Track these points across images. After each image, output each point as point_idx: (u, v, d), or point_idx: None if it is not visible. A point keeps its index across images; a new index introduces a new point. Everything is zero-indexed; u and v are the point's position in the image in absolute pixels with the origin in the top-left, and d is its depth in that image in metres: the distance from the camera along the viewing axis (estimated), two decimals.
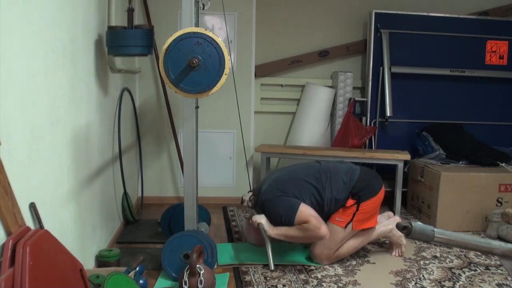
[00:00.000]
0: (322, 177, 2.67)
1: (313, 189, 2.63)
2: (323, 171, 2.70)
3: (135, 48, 2.58)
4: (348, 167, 2.76)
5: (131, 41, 2.53)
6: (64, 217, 2.00)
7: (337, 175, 2.68)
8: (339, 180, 2.66)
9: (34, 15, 1.67)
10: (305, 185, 2.64)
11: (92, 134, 2.45)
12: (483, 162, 3.62)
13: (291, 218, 2.53)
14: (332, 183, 2.65)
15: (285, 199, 2.59)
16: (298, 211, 2.53)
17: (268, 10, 4.17)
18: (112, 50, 2.59)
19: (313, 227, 2.50)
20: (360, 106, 4.11)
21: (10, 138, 1.46)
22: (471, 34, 4.09)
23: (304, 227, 2.51)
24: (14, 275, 1.35)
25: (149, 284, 2.32)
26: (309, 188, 2.64)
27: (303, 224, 2.51)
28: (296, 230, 2.53)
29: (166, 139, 3.93)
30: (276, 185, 2.66)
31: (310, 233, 2.51)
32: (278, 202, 2.59)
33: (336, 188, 2.64)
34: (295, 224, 2.53)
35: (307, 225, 2.50)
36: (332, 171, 2.71)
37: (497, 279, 2.53)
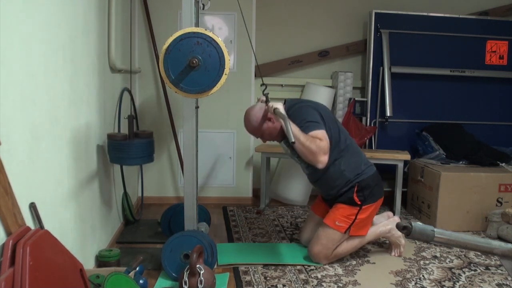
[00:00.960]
0: (349, 146, 2.65)
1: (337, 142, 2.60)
2: (353, 144, 2.70)
3: (137, 160, 2.66)
4: (368, 161, 2.77)
5: (133, 153, 2.59)
6: (64, 217, 2.00)
7: (359, 157, 2.69)
8: (357, 161, 2.65)
9: (34, 15, 1.67)
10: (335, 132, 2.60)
11: (92, 134, 2.45)
12: (483, 162, 3.62)
13: (311, 127, 2.48)
14: (350, 156, 2.64)
15: (316, 115, 2.55)
16: (320, 130, 2.49)
17: (268, 10, 4.17)
18: (114, 160, 2.65)
19: (322, 146, 2.45)
20: (360, 106, 4.11)
21: (10, 138, 1.46)
22: (471, 34, 4.09)
23: (315, 140, 2.45)
24: (14, 275, 1.35)
25: (149, 284, 2.32)
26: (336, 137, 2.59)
27: (316, 139, 2.45)
28: (306, 137, 2.46)
29: (166, 139, 3.93)
30: (318, 106, 2.65)
31: (315, 148, 2.44)
32: (310, 111, 2.56)
33: (349, 164, 2.62)
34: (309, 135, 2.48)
35: (319, 142, 2.45)
36: (358, 152, 2.71)
37: (497, 279, 2.53)
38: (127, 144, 2.60)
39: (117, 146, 2.59)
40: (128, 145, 2.59)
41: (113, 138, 2.62)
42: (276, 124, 2.61)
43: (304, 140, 2.44)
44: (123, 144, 2.59)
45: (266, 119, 2.61)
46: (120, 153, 2.59)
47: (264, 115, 2.61)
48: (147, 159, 2.70)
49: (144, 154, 2.66)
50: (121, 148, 2.58)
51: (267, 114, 2.60)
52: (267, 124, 2.62)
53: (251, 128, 2.67)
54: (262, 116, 2.61)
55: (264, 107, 2.62)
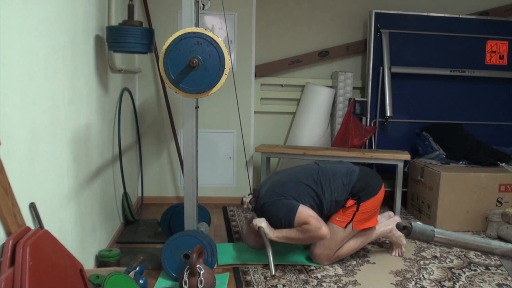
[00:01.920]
0: (322, 179, 2.67)
1: (312, 191, 2.63)
2: (322, 173, 2.70)
3: (136, 45, 2.58)
4: (347, 167, 2.76)
5: (132, 38, 2.53)
6: (64, 217, 2.00)
7: (336, 177, 2.68)
8: (338, 181, 2.66)
9: (34, 15, 1.67)
10: (304, 187, 2.64)
11: (92, 134, 2.45)
12: (483, 162, 3.62)
13: (290, 220, 2.53)
14: (331, 185, 2.65)
15: (284, 202, 2.59)
16: (298, 213, 2.53)
17: (268, 10, 4.17)
18: (112, 46, 2.59)
19: (313, 228, 2.50)
20: (360, 106, 4.11)
21: (10, 138, 1.46)
22: (471, 34, 4.09)
23: (304, 228, 2.51)
24: (14, 275, 1.35)
25: (149, 284, 2.32)
26: (308, 190, 2.64)
27: (303, 226, 2.51)
28: (297, 232, 2.53)
29: (166, 139, 3.93)
30: (275, 188, 2.66)
31: (310, 234, 2.51)
32: (277, 205, 2.59)
33: (335, 190, 2.64)
34: (295, 226, 2.53)
35: (307, 226, 2.50)
36: (331, 173, 2.71)
37: (497, 279, 2.53)
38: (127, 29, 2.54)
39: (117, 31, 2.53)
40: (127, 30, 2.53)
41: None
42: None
43: (297, 236, 2.54)
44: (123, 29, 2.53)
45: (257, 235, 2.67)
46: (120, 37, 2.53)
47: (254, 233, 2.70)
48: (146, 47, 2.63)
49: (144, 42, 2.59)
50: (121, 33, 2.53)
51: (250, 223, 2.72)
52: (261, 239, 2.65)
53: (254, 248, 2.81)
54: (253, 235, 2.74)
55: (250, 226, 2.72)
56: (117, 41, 2.54)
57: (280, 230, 2.56)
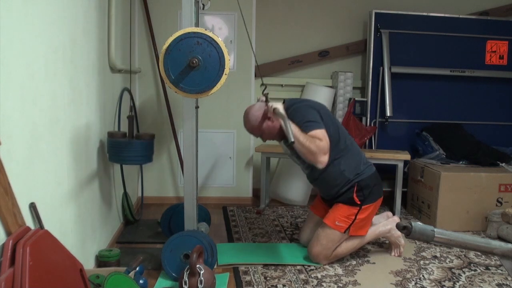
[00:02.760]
0: (349, 146, 2.65)
1: (336, 141, 2.59)
2: (353, 144, 2.71)
3: (137, 158, 2.66)
4: (368, 161, 2.77)
5: (132, 152, 2.59)
6: (64, 217, 2.00)
7: (359, 157, 2.69)
8: (357, 161, 2.66)
9: (34, 15, 1.67)
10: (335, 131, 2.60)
11: (92, 134, 2.45)
12: (483, 162, 3.62)
13: (310, 127, 2.48)
14: (350, 156, 2.64)
15: (316, 115, 2.55)
16: (320, 129, 2.48)
17: (268, 10, 4.17)
18: (113, 159, 2.65)
19: (321, 146, 2.45)
20: (360, 106, 4.11)
21: (10, 138, 1.46)
22: (471, 34, 4.09)
23: (315, 141, 2.44)
24: (14, 275, 1.35)
25: (149, 284, 2.32)
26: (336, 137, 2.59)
27: (316, 139, 2.45)
28: (306, 137, 2.45)
29: (166, 139, 3.93)
30: (316, 105, 2.65)
31: (315, 148, 2.44)
32: (309, 111, 2.56)
33: (349, 164, 2.62)
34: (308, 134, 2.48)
35: (319, 142, 2.45)
36: (358, 152, 2.72)
37: (497, 279, 2.53)
38: (126, 144, 2.59)
39: (118, 145, 2.59)
40: (127, 145, 2.59)
41: (113, 137, 2.62)
42: (276, 124, 2.61)
43: (303, 140, 2.44)
44: (122, 143, 2.59)
45: (265, 118, 2.61)
46: (121, 152, 2.58)
47: (263, 114, 2.60)
48: (147, 159, 2.70)
49: (144, 154, 2.66)
50: (120, 147, 2.58)
51: (267, 113, 2.60)
52: (267, 123, 2.62)
53: (250, 127, 2.67)
54: (261, 115, 2.61)
55: (263, 107, 2.61)
56: (117, 154, 2.60)
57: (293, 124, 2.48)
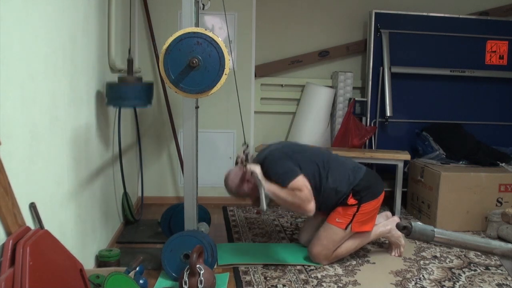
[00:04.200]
0: (330, 164, 2.66)
1: (316, 171, 2.62)
2: (332, 159, 2.71)
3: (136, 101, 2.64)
4: (355, 164, 2.78)
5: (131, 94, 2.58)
6: (64, 217, 2.00)
7: (344, 168, 2.69)
8: (344, 173, 2.66)
9: (35, 15, 1.67)
10: (311, 164, 2.63)
11: (92, 134, 2.45)
12: (483, 162, 3.62)
13: (286, 180, 2.50)
14: (337, 173, 2.64)
15: (288, 163, 2.57)
16: (296, 179, 2.50)
17: (268, 10, 4.17)
18: (112, 102, 2.63)
19: (304, 197, 2.48)
20: (360, 106, 4.10)
21: (10, 138, 1.46)
22: (471, 34, 4.09)
23: (295, 193, 2.48)
24: (14, 275, 1.35)
25: (149, 284, 2.32)
26: (314, 168, 2.62)
27: (296, 191, 2.48)
28: (286, 193, 2.49)
29: (166, 139, 3.92)
30: (285, 149, 2.67)
31: (298, 201, 2.48)
32: (281, 163, 2.58)
33: (339, 180, 2.63)
34: (288, 188, 2.50)
35: (300, 193, 2.48)
36: (340, 163, 2.72)
37: (497, 279, 2.53)
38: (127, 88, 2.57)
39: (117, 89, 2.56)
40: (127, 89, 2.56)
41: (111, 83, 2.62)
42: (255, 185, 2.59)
43: (285, 197, 2.48)
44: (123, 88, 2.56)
45: (244, 181, 2.62)
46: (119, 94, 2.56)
47: (241, 178, 2.62)
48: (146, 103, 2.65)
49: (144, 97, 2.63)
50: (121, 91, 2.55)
51: (244, 176, 2.61)
52: (247, 185, 2.62)
53: (233, 193, 2.69)
54: (239, 180, 2.62)
55: (240, 171, 2.62)
56: (116, 97, 2.58)
57: (272, 184, 2.50)
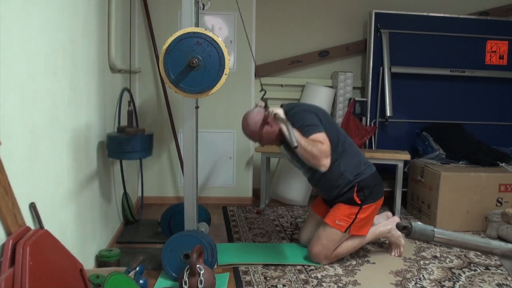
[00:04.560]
0: (348, 146, 2.67)
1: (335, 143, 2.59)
2: (352, 144, 2.72)
3: (136, 154, 2.65)
4: (367, 160, 2.78)
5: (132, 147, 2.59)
6: (64, 217, 2.00)
7: (358, 157, 2.70)
8: (357, 161, 2.67)
9: (35, 15, 1.67)
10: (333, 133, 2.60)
11: (92, 134, 2.45)
12: (483, 162, 3.62)
13: (311, 130, 2.49)
14: (350, 157, 2.65)
15: (314, 119, 2.56)
16: (320, 133, 2.50)
17: (268, 10, 4.17)
18: (112, 155, 2.64)
19: (323, 150, 2.46)
20: (360, 106, 4.11)
21: (10, 138, 1.46)
22: (471, 34, 4.09)
23: (316, 144, 2.45)
24: (14, 275, 1.35)
25: (149, 284, 2.32)
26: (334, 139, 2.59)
27: (317, 142, 2.46)
28: (308, 141, 2.46)
29: (166, 139, 3.93)
30: (314, 108, 2.69)
31: (317, 152, 2.45)
32: (308, 115, 2.57)
33: (349, 165, 2.63)
34: (310, 138, 2.48)
35: (320, 145, 2.46)
36: (357, 152, 2.74)
37: (497, 279, 2.53)
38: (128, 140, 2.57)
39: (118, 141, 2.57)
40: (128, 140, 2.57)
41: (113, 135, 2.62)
42: (275, 129, 2.59)
43: (305, 145, 2.44)
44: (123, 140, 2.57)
45: (264, 123, 2.59)
46: (120, 147, 2.57)
47: (263, 119, 2.59)
48: (147, 153, 2.67)
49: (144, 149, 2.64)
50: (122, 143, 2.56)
51: (266, 119, 2.58)
52: (266, 128, 2.60)
53: (250, 132, 2.65)
54: (261, 120, 2.59)
55: (262, 111, 2.60)
56: (117, 151, 2.60)
57: (295, 129, 2.48)
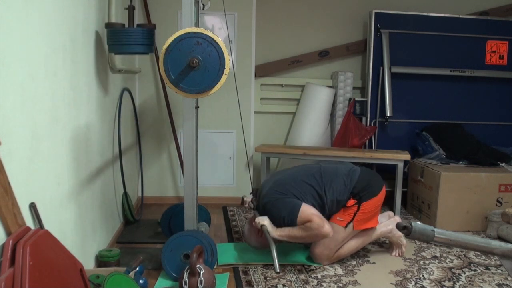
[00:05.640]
0: (323, 179, 2.67)
1: (313, 190, 2.64)
2: (323, 173, 2.71)
3: (137, 47, 2.56)
4: (349, 167, 2.77)
5: (132, 39, 2.52)
6: (64, 217, 2.00)
7: (338, 177, 2.68)
8: (340, 181, 2.66)
9: (35, 15, 1.67)
10: (306, 186, 2.65)
11: (92, 134, 2.45)
12: (483, 162, 3.62)
13: (293, 219, 2.53)
14: (332, 184, 2.65)
15: (286, 201, 2.59)
16: (300, 211, 2.53)
17: (268, 10, 4.17)
18: (113, 48, 2.58)
19: (316, 226, 2.49)
20: (360, 106, 4.10)
21: (10, 138, 1.46)
22: (471, 34, 4.09)
23: (307, 226, 2.51)
24: (14, 275, 1.35)
25: (149, 284, 2.32)
26: (310, 189, 2.64)
27: (306, 224, 2.51)
28: (300, 230, 2.53)
29: (166, 139, 3.93)
30: (277, 187, 2.67)
31: (313, 232, 2.51)
32: (280, 203, 2.60)
33: (337, 190, 2.64)
34: (298, 224, 2.53)
35: (310, 224, 2.50)
36: (333, 173, 2.71)
37: (497, 279, 2.53)
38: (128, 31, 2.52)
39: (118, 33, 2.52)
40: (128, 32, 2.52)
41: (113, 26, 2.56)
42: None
43: (301, 234, 2.53)
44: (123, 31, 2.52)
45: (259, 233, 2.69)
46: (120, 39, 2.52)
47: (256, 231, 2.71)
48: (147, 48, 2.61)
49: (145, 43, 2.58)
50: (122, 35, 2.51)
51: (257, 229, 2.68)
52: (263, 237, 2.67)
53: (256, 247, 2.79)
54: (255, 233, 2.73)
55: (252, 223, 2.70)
56: (117, 43, 2.53)
57: (283, 229, 2.56)
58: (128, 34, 2.52)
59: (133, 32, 2.54)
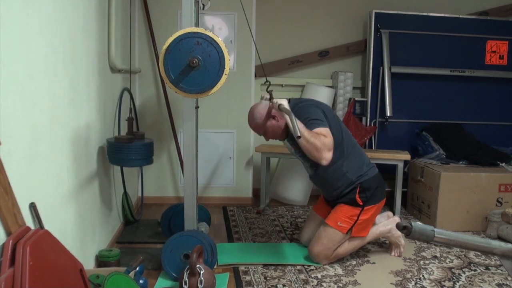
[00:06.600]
0: (353, 149, 2.66)
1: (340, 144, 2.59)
2: (356, 146, 2.71)
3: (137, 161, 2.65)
4: (370, 162, 2.78)
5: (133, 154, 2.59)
6: (64, 217, 2.00)
7: (362, 159, 2.69)
8: (360, 163, 2.66)
9: (35, 15, 1.67)
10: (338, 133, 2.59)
11: (92, 134, 2.45)
12: (483, 162, 3.62)
13: (315, 124, 2.48)
14: (353, 158, 2.64)
15: (320, 113, 2.55)
16: (324, 128, 2.49)
17: (268, 10, 4.17)
18: (113, 161, 2.65)
19: (326, 143, 2.44)
20: (360, 106, 4.11)
21: (10, 138, 1.46)
22: (471, 34, 4.09)
23: (319, 136, 2.44)
24: (14, 275, 1.35)
25: (149, 284, 2.32)
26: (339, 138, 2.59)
27: (321, 135, 2.45)
28: (311, 133, 2.45)
29: (166, 139, 3.93)
30: (322, 105, 2.67)
31: (319, 144, 2.43)
32: (314, 110, 2.56)
33: (352, 166, 2.62)
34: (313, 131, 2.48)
35: (324, 138, 2.44)
36: (361, 153, 2.72)
37: (497, 279, 2.53)
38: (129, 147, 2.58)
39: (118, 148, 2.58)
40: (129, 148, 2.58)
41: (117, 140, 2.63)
42: (280, 122, 2.61)
43: (308, 136, 2.43)
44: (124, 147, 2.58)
45: (270, 116, 2.61)
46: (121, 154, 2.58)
47: (268, 113, 2.61)
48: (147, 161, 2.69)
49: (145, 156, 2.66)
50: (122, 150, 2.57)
51: (272, 112, 2.60)
52: (271, 121, 2.62)
53: (255, 125, 2.67)
54: (266, 113, 2.61)
55: (268, 105, 2.61)
56: (118, 158, 2.60)
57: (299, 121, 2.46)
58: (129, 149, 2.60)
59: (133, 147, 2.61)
